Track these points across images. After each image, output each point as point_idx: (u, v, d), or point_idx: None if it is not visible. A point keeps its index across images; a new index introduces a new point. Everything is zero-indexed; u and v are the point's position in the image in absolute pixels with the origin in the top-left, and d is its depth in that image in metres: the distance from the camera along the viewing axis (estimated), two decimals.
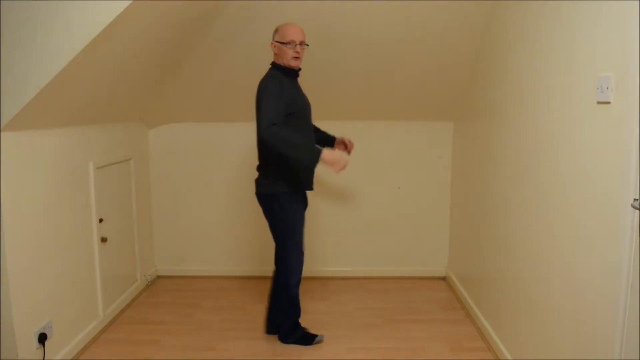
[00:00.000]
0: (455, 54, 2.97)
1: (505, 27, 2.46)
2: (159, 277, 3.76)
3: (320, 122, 3.57)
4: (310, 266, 3.72)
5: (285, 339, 2.70)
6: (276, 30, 2.47)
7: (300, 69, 2.53)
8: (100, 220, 2.83)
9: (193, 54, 2.97)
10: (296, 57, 2.44)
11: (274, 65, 2.51)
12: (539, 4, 2.05)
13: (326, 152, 2.30)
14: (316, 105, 3.42)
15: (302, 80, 3.33)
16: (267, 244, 3.71)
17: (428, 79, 3.16)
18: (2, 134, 2.03)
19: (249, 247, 3.73)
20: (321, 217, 3.68)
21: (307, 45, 2.52)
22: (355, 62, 3.05)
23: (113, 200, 3.02)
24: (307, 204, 2.65)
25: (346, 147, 2.79)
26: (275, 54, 2.50)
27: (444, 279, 3.68)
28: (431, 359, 2.54)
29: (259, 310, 3.13)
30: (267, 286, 3.54)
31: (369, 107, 3.43)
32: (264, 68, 3.10)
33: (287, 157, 2.32)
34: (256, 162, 3.61)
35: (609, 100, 1.53)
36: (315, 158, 2.29)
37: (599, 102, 1.59)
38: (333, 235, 3.69)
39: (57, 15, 1.93)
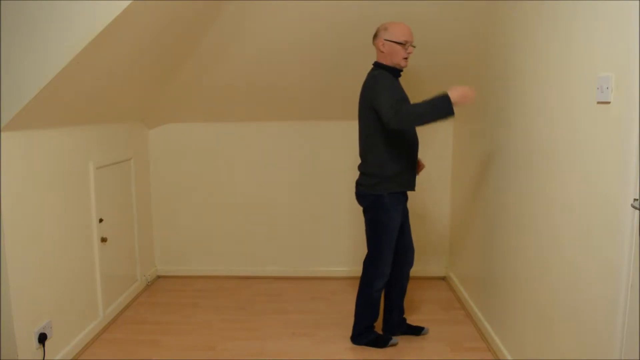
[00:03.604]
0: (455, 54, 2.97)
1: (505, 27, 2.46)
2: (159, 277, 3.76)
3: (322, 122, 3.59)
4: (310, 266, 3.72)
5: (358, 340, 2.67)
6: (385, 29, 2.40)
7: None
8: (100, 220, 2.83)
9: (193, 54, 2.97)
10: (406, 58, 2.42)
11: (379, 65, 2.45)
12: (539, 4, 2.05)
13: (453, 94, 2.18)
14: (317, 105, 3.43)
15: (309, 79, 3.34)
16: (267, 244, 3.73)
17: (428, 79, 3.16)
18: (2, 134, 2.03)
19: (249, 247, 3.73)
20: (321, 216, 3.68)
21: (414, 46, 2.48)
22: (357, 62, 3.05)
23: (113, 200, 3.02)
24: (407, 208, 2.59)
25: (419, 167, 2.66)
26: (381, 53, 2.42)
27: (444, 279, 3.68)
28: (431, 359, 2.54)
29: (259, 310, 3.13)
30: (266, 286, 3.55)
31: None
32: (264, 68, 3.12)
33: (428, 123, 2.22)
34: (256, 162, 3.65)
35: (609, 100, 1.53)
36: (449, 107, 2.17)
37: (599, 102, 1.59)
38: (333, 235, 3.69)
39: (57, 15, 1.93)
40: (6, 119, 2.00)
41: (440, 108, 2.18)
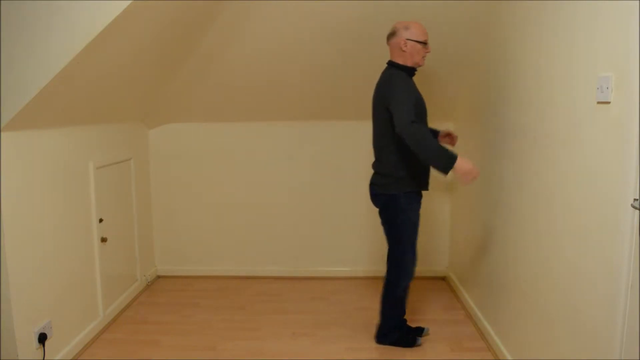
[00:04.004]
0: (455, 55, 2.97)
1: (505, 27, 2.46)
2: (159, 277, 3.76)
3: (322, 122, 3.59)
4: (310, 266, 3.72)
5: (383, 339, 2.66)
6: (406, 28, 2.39)
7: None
8: (100, 220, 2.83)
9: (193, 54, 2.97)
10: (424, 57, 2.44)
11: (396, 64, 2.44)
12: (539, 4, 2.05)
13: (460, 161, 2.23)
14: (317, 105, 3.43)
15: (308, 79, 3.32)
16: (267, 244, 3.73)
17: (429, 79, 3.15)
18: (2, 134, 2.03)
19: (249, 247, 3.73)
20: (321, 216, 3.68)
21: None
22: (357, 62, 3.05)
23: (113, 200, 3.02)
24: (420, 204, 2.57)
25: (452, 138, 2.71)
26: (402, 52, 2.41)
27: (444, 279, 3.68)
28: (431, 359, 2.53)
29: (259, 310, 3.13)
30: (266, 286, 3.55)
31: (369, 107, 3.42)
32: (264, 68, 3.12)
33: (423, 158, 2.26)
34: (256, 162, 3.65)
35: (609, 100, 1.53)
36: (449, 164, 2.22)
37: (599, 102, 1.59)
38: (333, 235, 3.69)
39: (57, 15, 1.93)
40: (6, 119, 2.00)
41: (441, 160, 2.23)
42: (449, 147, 2.60)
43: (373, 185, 2.56)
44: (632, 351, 1.46)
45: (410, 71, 2.44)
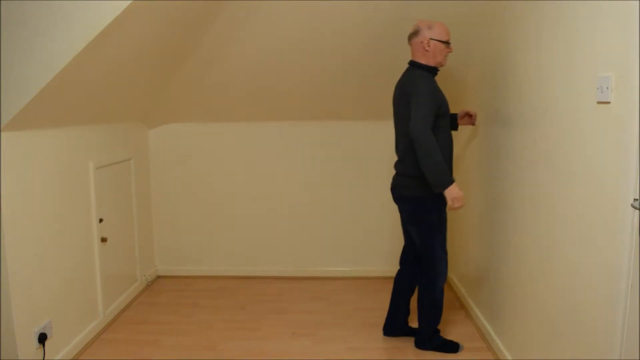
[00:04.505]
0: (455, 54, 2.97)
1: (506, 26, 2.46)
2: (159, 277, 3.76)
3: (322, 122, 3.59)
4: (310, 266, 3.72)
5: (424, 345, 2.60)
6: (429, 27, 2.37)
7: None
8: (100, 220, 2.83)
9: (193, 54, 2.97)
10: (446, 57, 2.44)
11: (418, 64, 2.42)
12: (539, 4, 2.05)
13: (454, 186, 2.25)
14: (317, 105, 3.43)
15: (308, 79, 3.31)
16: (267, 244, 3.73)
17: None
18: (2, 134, 2.03)
19: (249, 247, 3.73)
20: (321, 216, 3.68)
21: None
22: (357, 62, 3.05)
23: (113, 200, 3.02)
24: (446, 203, 2.53)
25: (471, 117, 2.76)
26: (424, 51, 2.39)
27: None
28: (431, 359, 2.53)
29: (258, 310, 3.13)
30: (266, 286, 3.55)
31: (369, 108, 3.42)
32: (264, 68, 3.12)
33: (425, 168, 2.26)
34: (255, 162, 3.65)
35: (609, 100, 1.53)
36: (444, 185, 2.25)
37: (599, 102, 1.59)
38: (333, 235, 3.69)
39: (57, 15, 1.93)
40: (6, 119, 2.00)
41: (439, 178, 2.25)
42: (467, 126, 2.72)
43: (397, 187, 2.52)
44: (632, 351, 1.46)
45: (433, 71, 2.43)
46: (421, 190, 2.40)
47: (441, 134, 2.39)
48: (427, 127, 2.23)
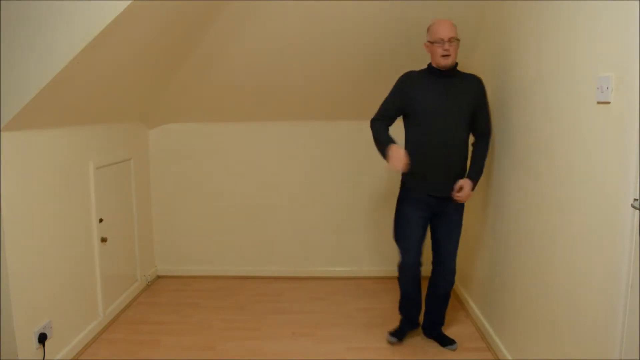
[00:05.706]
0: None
1: (506, 26, 2.46)
2: (159, 277, 3.76)
3: (322, 122, 3.59)
4: (310, 266, 3.72)
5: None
6: (428, 29, 2.42)
7: (457, 64, 2.40)
8: (100, 220, 2.83)
9: (193, 54, 2.97)
10: (445, 55, 2.32)
11: (428, 66, 2.46)
12: (539, 4, 2.05)
13: (390, 151, 2.34)
14: (317, 105, 3.43)
15: (308, 79, 3.30)
16: (267, 244, 3.73)
17: None
18: (2, 134, 2.03)
19: (249, 247, 3.73)
20: (321, 216, 3.68)
21: (459, 40, 2.36)
22: (357, 62, 3.05)
23: (113, 200, 3.02)
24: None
25: (460, 190, 2.46)
26: (428, 53, 2.44)
27: None
28: (431, 358, 2.54)
29: (258, 310, 3.13)
30: (266, 286, 3.55)
31: (369, 108, 3.42)
32: (264, 68, 3.12)
33: (377, 149, 2.49)
34: (255, 162, 3.65)
35: (609, 100, 1.53)
36: (383, 154, 2.41)
37: (599, 102, 1.59)
38: (333, 235, 3.69)
39: (57, 15, 1.93)
40: (6, 119, 2.00)
41: (381, 149, 2.44)
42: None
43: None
44: (632, 351, 1.46)
45: (434, 71, 2.42)
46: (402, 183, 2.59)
47: (412, 133, 2.46)
48: (373, 120, 2.53)
